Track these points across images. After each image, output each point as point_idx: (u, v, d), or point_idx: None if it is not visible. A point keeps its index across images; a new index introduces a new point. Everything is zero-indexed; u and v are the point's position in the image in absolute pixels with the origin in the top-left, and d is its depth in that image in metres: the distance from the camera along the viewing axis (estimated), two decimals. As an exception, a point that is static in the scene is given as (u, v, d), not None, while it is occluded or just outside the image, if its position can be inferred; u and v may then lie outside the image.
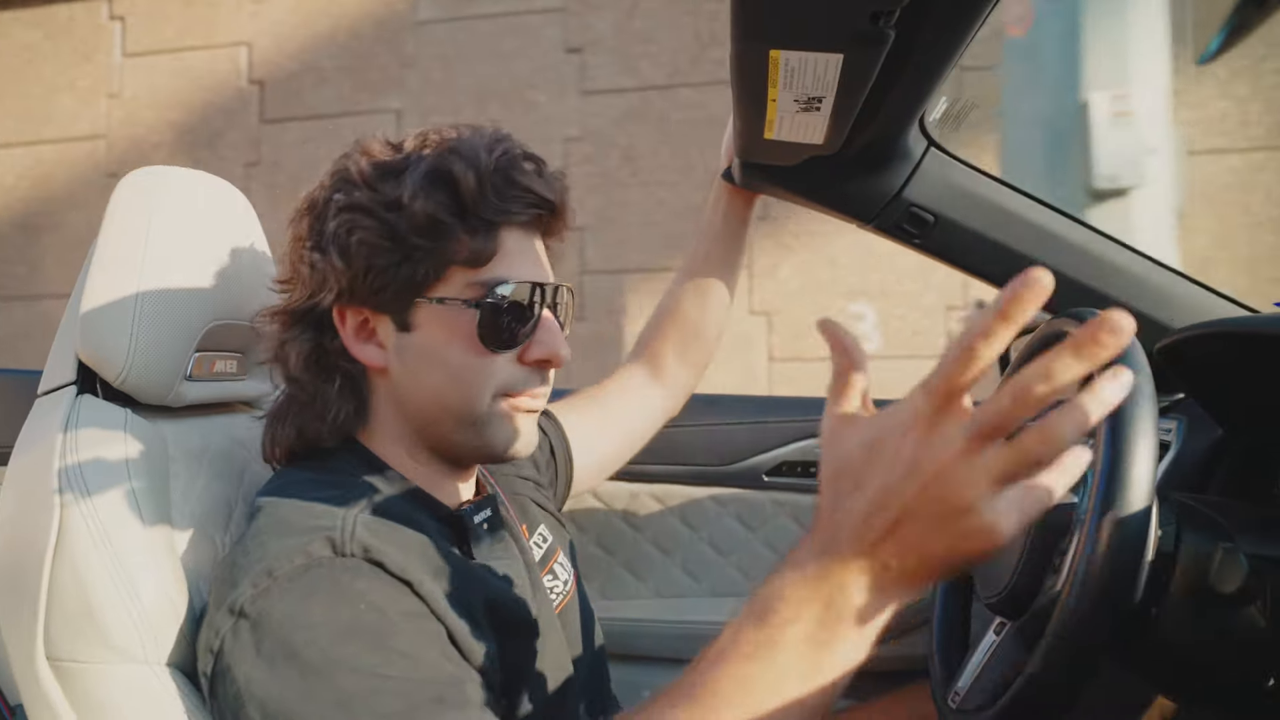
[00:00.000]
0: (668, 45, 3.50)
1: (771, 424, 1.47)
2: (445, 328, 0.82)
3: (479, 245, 0.80)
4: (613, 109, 3.53)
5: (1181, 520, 0.78)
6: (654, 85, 3.51)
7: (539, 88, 3.60)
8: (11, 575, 0.80)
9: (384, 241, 0.79)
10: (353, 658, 0.67)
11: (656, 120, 3.49)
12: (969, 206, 1.20)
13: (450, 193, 0.79)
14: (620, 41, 3.55)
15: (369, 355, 0.84)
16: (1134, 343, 0.76)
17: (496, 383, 0.84)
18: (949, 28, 0.81)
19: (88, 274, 0.88)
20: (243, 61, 3.93)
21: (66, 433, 0.82)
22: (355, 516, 0.76)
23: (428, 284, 0.81)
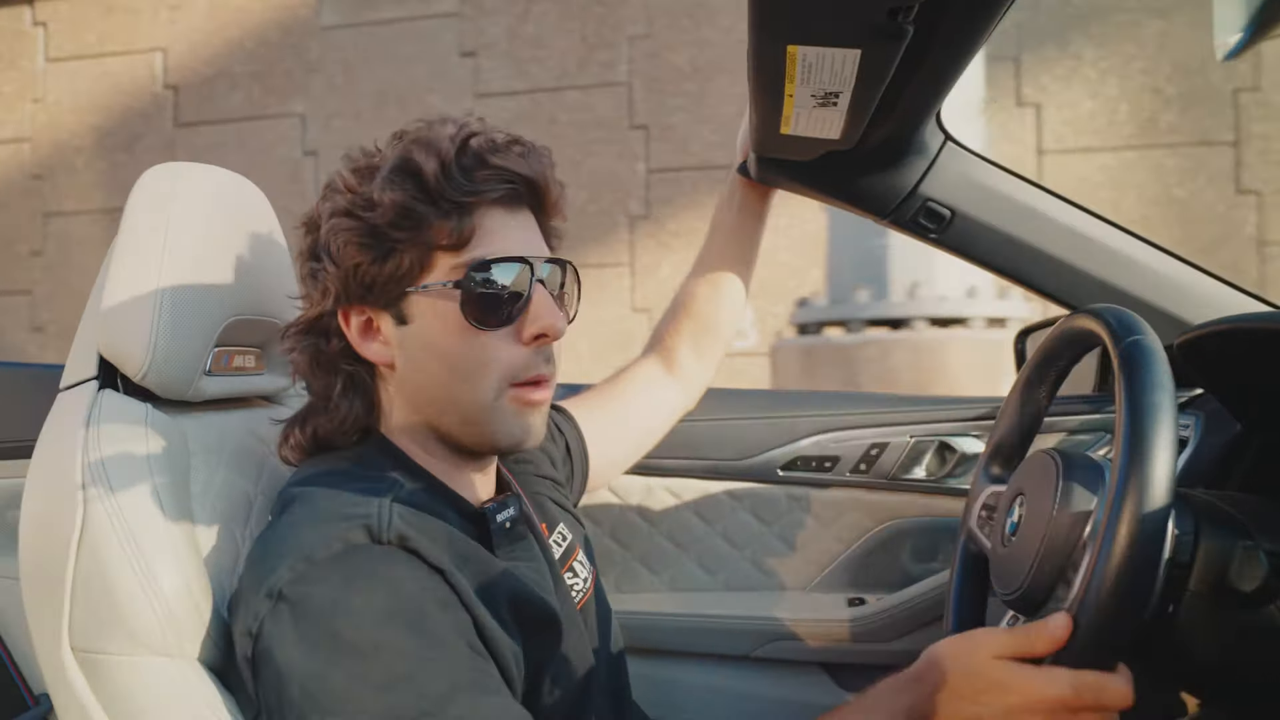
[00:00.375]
0: (556, 49, 3.62)
1: (786, 418, 1.47)
2: (437, 314, 0.83)
3: (455, 227, 0.80)
4: (505, 111, 3.65)
5: (1200, 518, 0.78)
6: (543, 88, 3.63)
7: (435, 91, 3.72)
8: (37, 567, 0.81)
9: (365, 239, 0.81)
10: (394, 640, 0.68)
11: (546, 122, 3.62)
12: (986, 201, 1.20)
13: (416, 181, 0.80)
14: (512, 46, 3.66)
15: (375, 353, 0.85)
16: (1157, 348, 0.76)
17: (499, 368, 0.83)
18: (967, 22, 0.81)
19: (108, 270, 0.89)
20: (159, 67, 4.07)
21: (89, 428, 0.83)
22: (390, 506, 0.78)
23: (414, 274, 0.82)
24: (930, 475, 1.43)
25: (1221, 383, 1.08)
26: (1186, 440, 1.14)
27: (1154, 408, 0.71)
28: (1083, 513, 0.80)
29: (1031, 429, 1.03)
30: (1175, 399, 0.72)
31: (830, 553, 1.47)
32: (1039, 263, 1.21)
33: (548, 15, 3.64)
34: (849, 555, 1.46)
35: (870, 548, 1.46)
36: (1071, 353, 0.97)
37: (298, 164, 3.90)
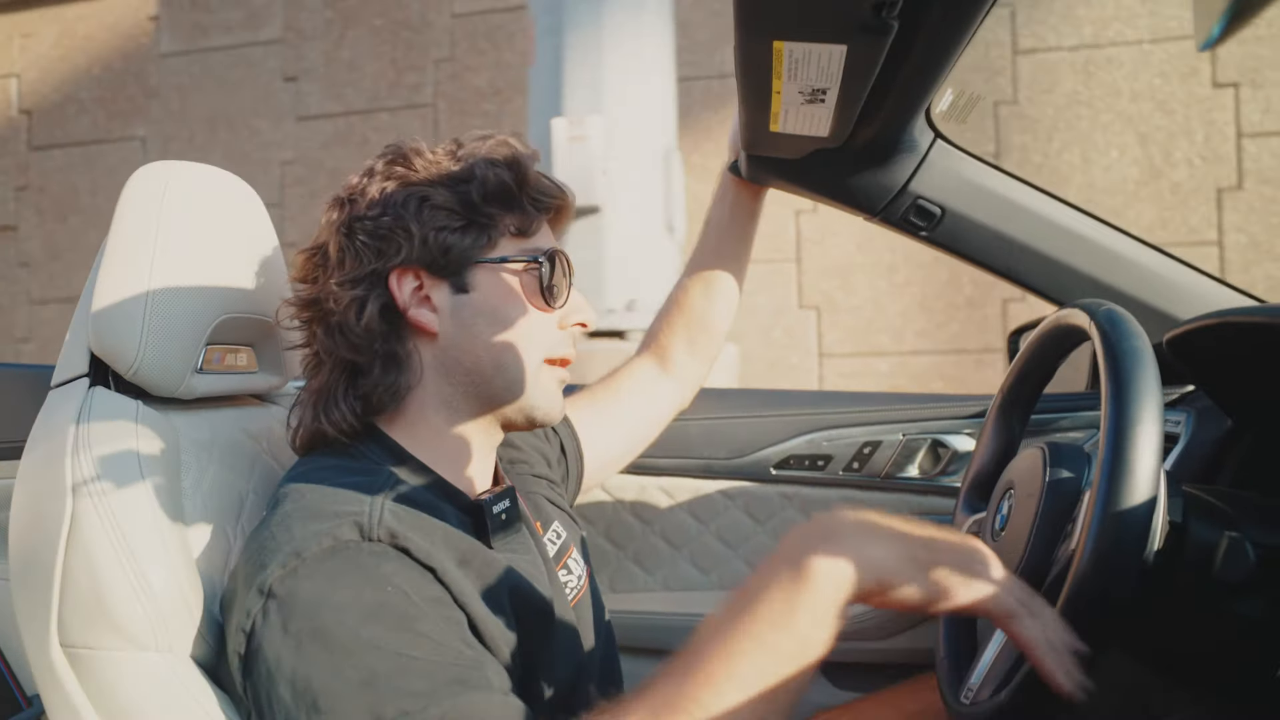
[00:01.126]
0: (368, 73, 3.84)
1: (779, 417, 1.47)
2: (503, 286, 0.90)
3: (527, 221, 0.91)
4: (322, 133, 3.87)
5: (1188, 509, 0.78)
6: (356, 110, 3.85)
7: (261, 114, 3.95)
8: (26, 564, 0.81)
9: (457, 207, 0.87)
10: (379, 638, 0.69)
11: (359, 143, 3.83)
12: (977, 199, 1.20)
13: (514, 171, 0.90)
14: (329, 70, 3.88)
15: (424, 318, 0.88)
16: (1140, 333, 0.76)
17: (543, 342, 0.91)
18: (953, 18, 0.81)
19: (99, 267, 0.89)
20: (13, 92, 4.27)
21: (79, 424, 0.83)
22: (382, 503, 0.78)
23: (485, 249, 0.89)
24: (923, 473, 1.43)
25: (1211, 378, 1.08)
26: (1177, 437, 1.15)
27: (1135, 351, 0.73)
28: (1070, 494, 0.81)
29: (1008, 456, 1.03)
30: (1156, 366, 0.73)
31: (824, 551, 1.47)
32: (1029, 259, 1.22)
33: (361, 41, 3.87)
34: (843, 554, 1.46)
35: (864, 546, 1.45)
36: (1057, 349, 0.97)
37: None
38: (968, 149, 1.20)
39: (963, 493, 1.07)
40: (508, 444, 1.09)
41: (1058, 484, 0.81)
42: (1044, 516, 0.81)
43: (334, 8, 3.91)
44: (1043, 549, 0.80)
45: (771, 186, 1.27)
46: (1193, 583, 0.77)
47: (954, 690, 0.94)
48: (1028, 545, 0.81)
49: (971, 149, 1.20)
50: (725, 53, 3.25)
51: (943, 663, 1.00)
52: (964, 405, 1.44)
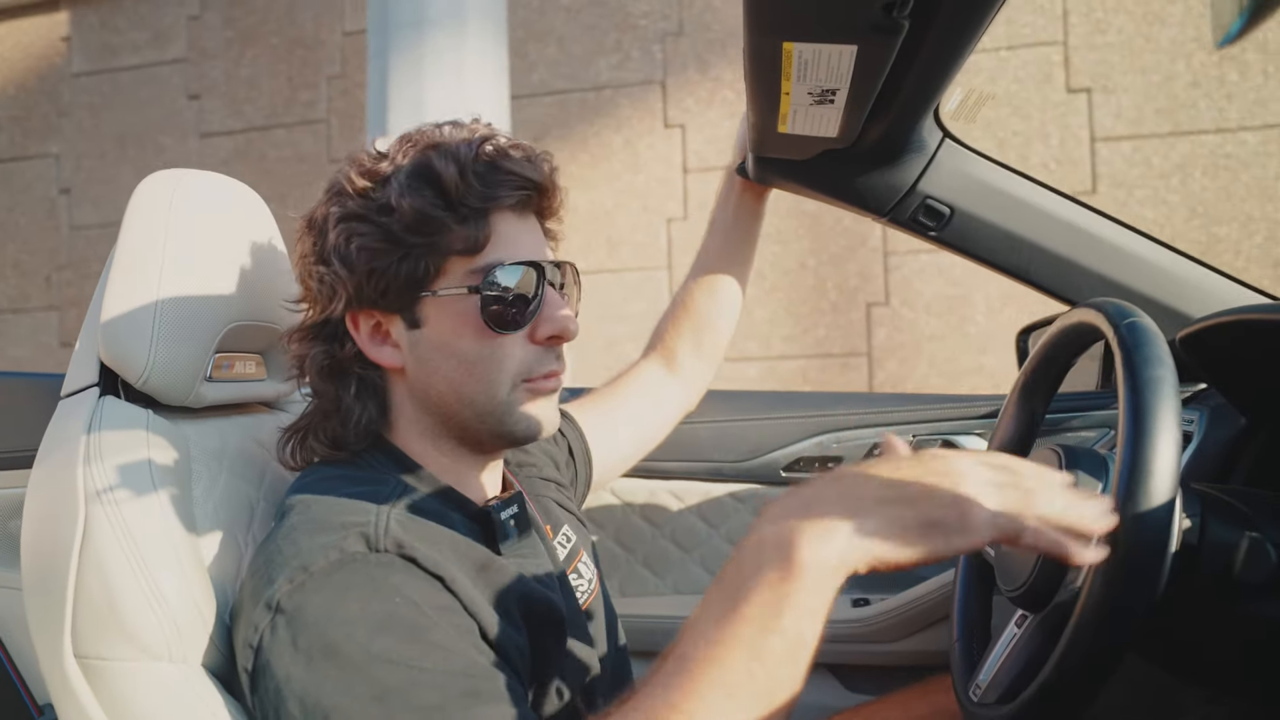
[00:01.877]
0: (266, 90, 3.95)
1: (788, 419, 1.47)
2: (452, 318, 0.83)
3: (472, 233, 0.82)
4: (223, 149, 3.99)
5: (1206, 510, 0.78)
6: (255, 126, 3.96)
7: (167, 132, 4.07)
8: (39, 575, 0.81)
9: (381, 244, 0.82)
10: (389, 651, 0.68)
11: (257, 159, 3.92)
12: (986, 198, 1.20)
13: (435, 187, 0.81)
14: (230, 88, 4.00)
15: (385, 357, 0.86)
16: (1154, 330, 0.76)
17: (512, 366, 0.85)
18: (963, 17, 0.80)
19: (108, 276, 0.89)
20: None
21: (90, 434, 0.83)
22: (388, 513, 0.77)
23: (429, 278, 0.83)
24: (934, 474, 1.42)
25: (1224, 376, 1.07)
26: (1191, 435, 1.14)
27: (1155, 381, 0.71)
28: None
29: (1029, 439, 1.02)
30: (1175, 374, 0.72)
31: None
32: (1040, 259, 1.21)
33: (260, 58, 3.97)
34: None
35: (875, 548, 1.45)
36: (1071, 349, 0.97)
37: (54, 201, 4.21)
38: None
39: None
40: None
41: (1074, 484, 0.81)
42: None
43: (234, 27, 4.03)
44: (1052, 566, 0.80)
45: (779, 188, 1.27)
46: (1212, 584, 0.76)
47: (964, 683, 0.94)
48: (1037, 563, 0.80)
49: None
50: (600, 64, 3.49)
51: (955, 647, 1.00)
52: (975, 405, 1.43)
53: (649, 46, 3.50)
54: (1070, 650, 0.71)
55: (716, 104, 3.42)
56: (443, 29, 2.65)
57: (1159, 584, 0.69)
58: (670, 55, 3.48)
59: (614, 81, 3.53)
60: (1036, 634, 0.85)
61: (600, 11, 3.54)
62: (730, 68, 3.42)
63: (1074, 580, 0.78)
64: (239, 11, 4.00)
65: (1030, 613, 0.87)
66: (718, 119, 3.42)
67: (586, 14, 3.57)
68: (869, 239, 3.28)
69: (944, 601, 1.34)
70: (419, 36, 2.64)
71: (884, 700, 1.28)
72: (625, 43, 3.53)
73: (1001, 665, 0.90)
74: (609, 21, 3.53)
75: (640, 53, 3.51)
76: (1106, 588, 0.68)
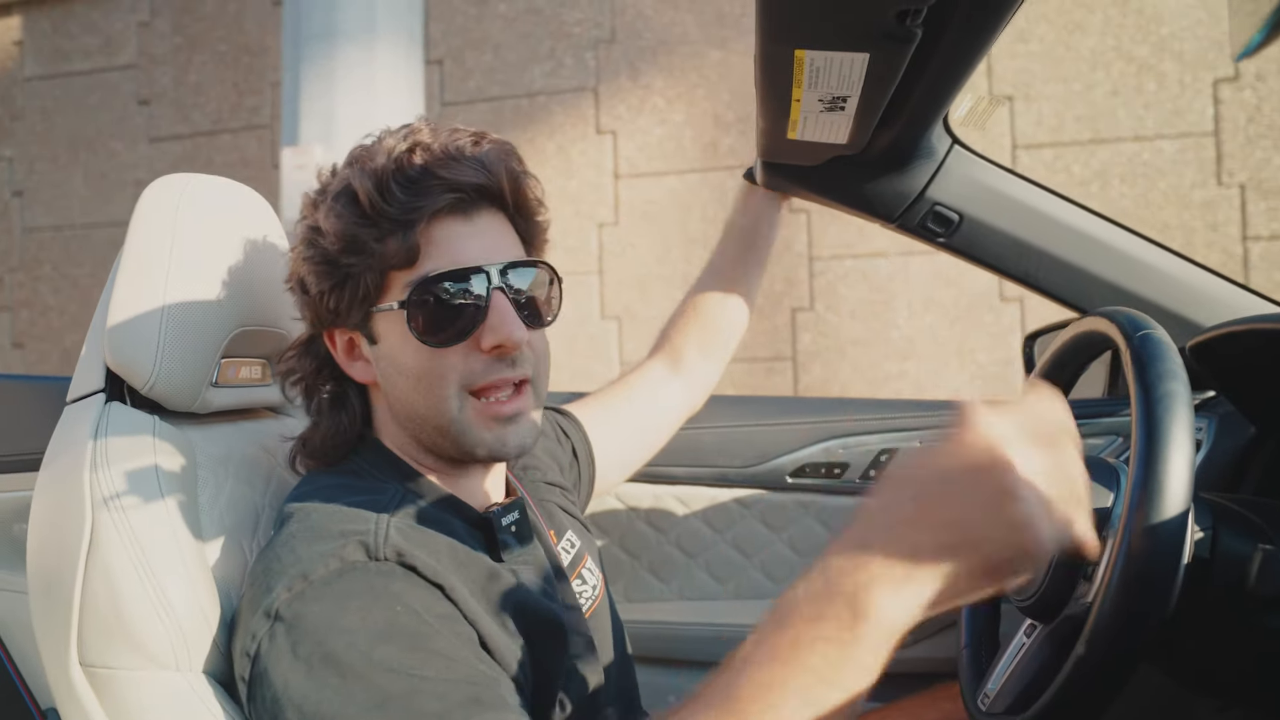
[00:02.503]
0: (213, 96, 4.00)
1: (794, 425, 1.46)
2: (396, 334, 0.83)
3: (401, 245, 0.80)
4: (171, 154, 4.03)
5: (1218, 521, 0.77)
6: (203, 131, 4.01)
7: (117, 136, 4.11)
8: (45, 581, 0.81)
9: (322, 266, 0.82)
10: (389, 659, 0.67)
11: (204, 163, 3.95)
12: (995, 205, 1.19)
13: (355, 206, 0.80)
14: (178, 94, 4.06)
15: (358, 372, 0.87)
16: (1168, 344, 0.75)
17: (454, 378, 0.82)
18: (975, 26, 0.80)
19: (114, 282, 0.89)
20: None
21: (96, 440, 0.82)
22: (388, 521, 0.77)
23: (373, 295, 0.82)
24: (940, 481, 1.42)
25: (1234, 384, 1.07)
26: (1200, 443, 1.13)
27: (1169, 396, 0.70)
28: (1100, 510, 0.79)
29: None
30: (1189, 389, 0.71)
31: (840, 560, 1.46)
32: (1049, 266, 1.21)
33: (207, 65, 4.03)
34: (859, 562, 1.45)
35: (880, 554, 1.44)
36: (1081, 357, 0.96)
37: (7, 204, 4.26)
38: (745, 164, 1.20)
39: None
40: None
41: None
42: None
43: (183, 33, 4.07)
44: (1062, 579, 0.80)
45: (788, 193, 1.27)
46: (1224, 596, 0.76)
47: (973, 691, 0.94)
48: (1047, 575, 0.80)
49: (750, 164, 1.21)
50: (534, 71, 3.52)
51: (964, 654, 0.99)
52: (981, 412, 1.42)
53: (582, 54, 3.55)
54: (1083, 661, 0.70)
55: (647, 111, 3.48)
56: (354, 41, 2.70)
57: (1171, 596, 0.69)
58: (603, 62, 3.54)
59: (548, 88, 3.57)
60: (1046, 645, 0.85)
61: (535, 19, 3.59)
62: (661, 75, 3.48)
63: (1084, 594, 0.78)
64: (188, 19, 4.06)
65: (1040, 623, 0.86)
66: (648, 125, 3.47)
67: (522, 22, 3.62)
68: (794, 244, 3.32)
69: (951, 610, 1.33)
70: (330, 49, 2.70)
71: (892, 707, 1.27)
72: (559, 50, 3.57)
73: (1010, 675, 0.89)
74: (543, 29, 3.58)
75: (573, 60, 3.56)
76: (1119, 600, 0.68)
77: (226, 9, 3.99)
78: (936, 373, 3.22)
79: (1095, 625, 0.70)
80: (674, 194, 3.44)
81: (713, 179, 3.41)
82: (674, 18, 3.46)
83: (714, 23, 3.44)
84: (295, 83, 2.75)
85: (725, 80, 3.41)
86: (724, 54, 3.41)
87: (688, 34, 3.45)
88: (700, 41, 3.44)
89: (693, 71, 3.43)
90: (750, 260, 1.31)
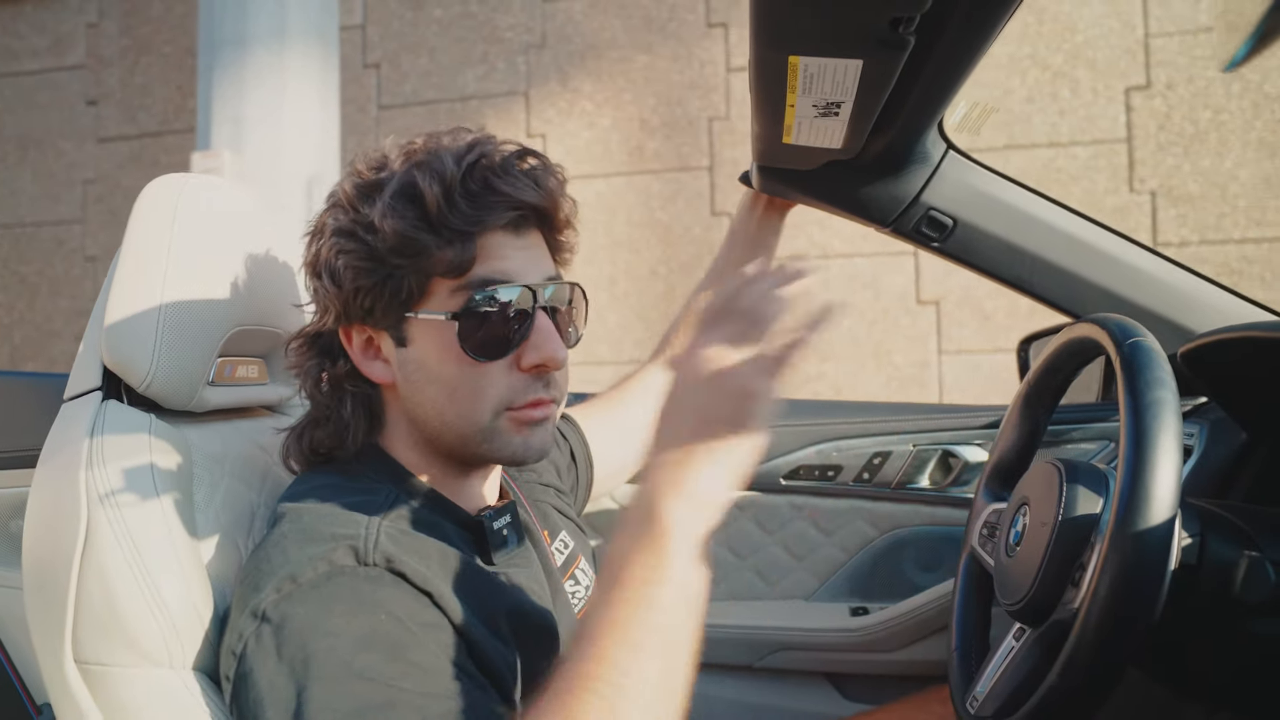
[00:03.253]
0: (160, 97, 4.06)
1: (787, 427, 1.47)
2: (435, 342, 0.82)
3: (456, 255, 0.79)
4: (119, 154, 4.08)
5: (1206, 528, 0.78)
6: (149, 132, 4.06)
7: (66, 136, 4.17)
8: (40, 578, 0.81)
9: (365, 263, 0.80)
10: (369, 668, 0.67)
11: (151, 164, 4.01)
12: (989, 210, 1.20)
13: (418, 208, 0.79)
14: (126, 95, 4.11)
15: (377, 372, 0.85)
16: (1158, 351, 0.76)
17: (495, 395, 0.82)
18: (969, 32, 0.81)
19: (112, 280, 0.89)
20: None
21: (92, 438, 0.83)
22: (379, 525, 0.77)
23: (414, 299, 0.81)
24: (933, 484, 1.43)
25: (1226, 391, 1.08)
26: (1191, 450, 1.14)
27: (1157, 404, 0.71)
28: (1088, 516, 0.80)
29: (1032, 445, 1.03)
30: (1178, 396, 0.72)
31: (833, 562, 1.46)
32: (1042, 271, 1.21)
33: (153, 66, 4.08)
34: (852, 565, 1.46)
35: (873, 557, 1.45)
36: (1074, 363, 0.97)
37: None
38: (683, 163, 1.21)
39: (984, 479, 1.07)
40: None
41: (1074, 500, 0.81)
42: (1054, 552, 0.80)
43: (130, 35, 4.10)
44: (1050, 584, 0.80)
45: (782, 198, 1.27)
46: (1211, 602, 0.76)
47: (962, 694, 0.94)
48: (1035, 580, 0.81)
49: (687, 163, 1.21)
50: (467, 75, 3.57)
51: (953, 657, 1.00)
52: (975, 416, 1.43)
53: (513, 58, 3.60)
54: (1070, 666, 0.71)
55: (576, 114, 3.52)
56: (264, 47, 2.72)
57: (1159, 602, 0.69)
58: (533, 67, 3.59)
59: (480, 92, 3.62)
60: (1034, 649, 0.86)
61: (470, 24, 3.63)
62: (589, 79, 3.53)
63: (1072, 599, 0.78)
64: (135, 20, 4.09)
65: (1029, 627, 0.87)
66: (577, 129, 3.52)
67: (456, 26, 3.67)
68: (716, 247, 3.34)
69: (942, 612, 1.34)
70: (240, 54, 2.73)
71: (882, 710, 1.28)
72: (492, 54, 3.62)
73: (999, 678, 0.90)
74: (477, 34, 3.62)
75: (505, 64, 3.61)
76: (1107, 605, 0.69)
77: (173, 11, 4.04)
78: (854, 374, 3.28)
79: (1083, 630, 0.71)
80: (601, 197, 3.49)
81: (638, 182, 3.47)
82: (603, 22, 3.52)
83: (641, 27, 3.49)
84: (208, 88, 2.79)
85: (651, 84, 3.47)
86: (650, 58, 3.47)
87: (616, 39, 3.51)
88: (628, 46, 3.50)
89: (620, 76, 3.49)
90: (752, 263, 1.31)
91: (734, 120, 3.40)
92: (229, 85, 2.72)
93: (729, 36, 3.43)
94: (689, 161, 3.40)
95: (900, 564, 1.45)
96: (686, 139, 3.41)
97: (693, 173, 3.41)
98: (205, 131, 2.79)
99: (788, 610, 1.45)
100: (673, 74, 3.46)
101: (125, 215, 0.93)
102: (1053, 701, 0.73)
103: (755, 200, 1.31)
